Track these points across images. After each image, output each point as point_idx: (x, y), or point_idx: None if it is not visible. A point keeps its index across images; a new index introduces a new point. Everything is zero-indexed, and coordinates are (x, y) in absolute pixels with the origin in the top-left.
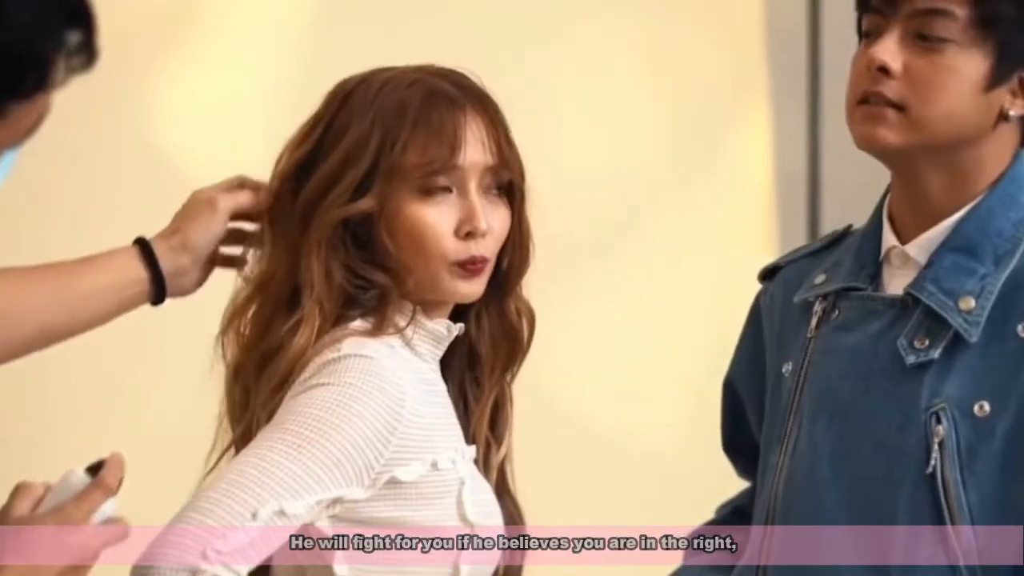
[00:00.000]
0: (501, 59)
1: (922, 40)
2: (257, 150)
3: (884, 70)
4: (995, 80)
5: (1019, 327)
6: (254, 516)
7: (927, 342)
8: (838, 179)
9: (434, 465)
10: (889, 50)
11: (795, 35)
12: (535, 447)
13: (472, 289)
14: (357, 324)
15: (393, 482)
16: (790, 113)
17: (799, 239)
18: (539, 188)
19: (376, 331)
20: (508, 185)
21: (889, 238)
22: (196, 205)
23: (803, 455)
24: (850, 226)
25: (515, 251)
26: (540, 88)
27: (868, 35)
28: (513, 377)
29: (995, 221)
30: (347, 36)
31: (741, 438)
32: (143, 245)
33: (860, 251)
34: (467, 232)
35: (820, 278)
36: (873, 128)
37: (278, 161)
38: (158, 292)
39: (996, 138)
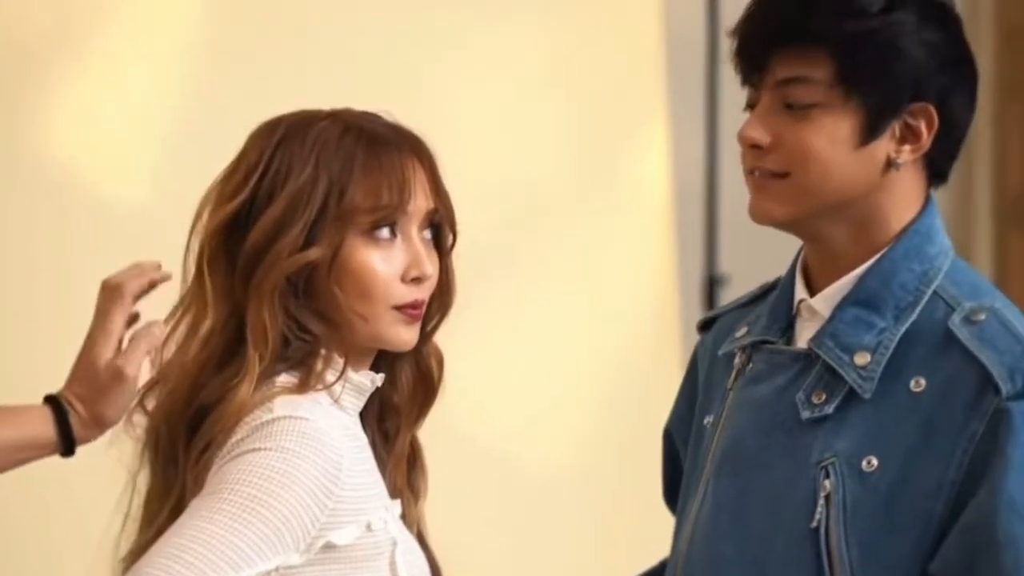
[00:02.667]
0: (399, 66)
1: (789, 109)
2: (149, 157)
3: (757, 146)
4: (868, 135)
5: (911, 382)
6: None
7: (824, 397)
8: (736, 191)
9: (368, 527)
10: (758, 126)
11: (694, 48)
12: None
13: (413, 336)
14: (283, 379)
15: (328, 547)
16: (688, 124)
17: (697, 252)
18: None
19: (303, 387)
20: (437, 228)
21: (799, 291)
22: (103, 378)
23: (709, 509)
24: (780, 278)
25: (439, 296)
26: (435, 99)
27: (748, 105)
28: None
29: (899, 274)
30: (239, 44)
31: (680, 489)
32: (58, 410)
33: (776, 304)
34: (413, 277)
35: (742, 331)
36: (762, 202)
37: (204, 208)
38: (66, 453)
39: (891, 187)
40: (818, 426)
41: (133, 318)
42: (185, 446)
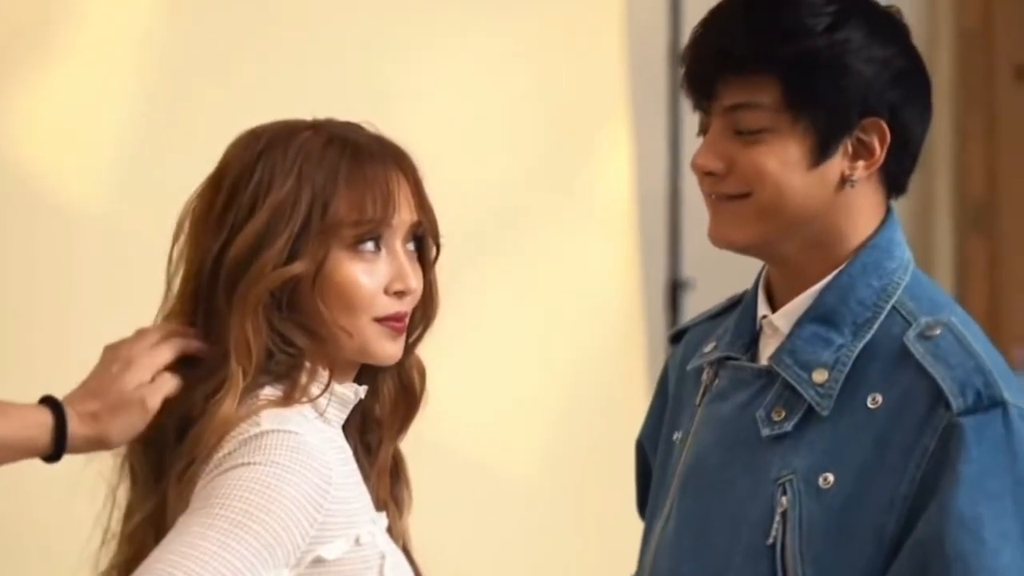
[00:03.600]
0: (364, 73)
1: (739, 134)
2: (116, 159)
3: (712, 173)
4: (821, 155)
5: (868, 399)
6: None
7: (783, 414)
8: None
9: (357, 540)
10: (709, 153)
11: (656, 53)
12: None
13: (398, 349)
14: (268, 392)
15: (317, 561)
16: (651, 130)
17: (660, 257)
18: None
19: (288, 400)
20: (420, 241)
21: (762, 307)
22: (126, 402)
23: (673, 527)
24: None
25: (423, 308)
26: (395, 107)
27: (700, 131)
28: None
29: (857, 289)
30: (210, 47)
31: None
32: (59, 417)
33: (739, 320)
34: (397, 291)
35: (710, 346)
36: (722, 226)
37: (184, 219)
38: (51, 459)
39: (847, 204)
40: (778, 443)
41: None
42: (168, 460)
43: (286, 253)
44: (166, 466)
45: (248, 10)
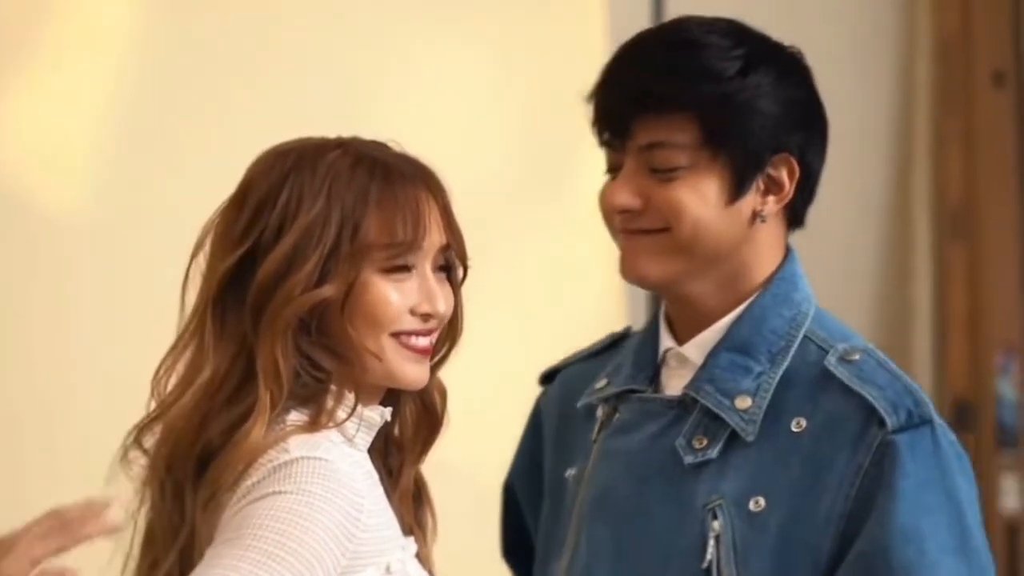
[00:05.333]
0: (349, 72)
1: (654, 172)
2: (92, 163)
3: (628, 211)
4: (736, 193)
5: (792, 423)
6: None
7: (705, 441)
8: None
9: (387, 568)
10: (626, 191)
11: None
12: None
13: (423, 373)
14: (294, 417)
15: None
16: None
17: None
18: None
19: (315, 425)
20: (448, 263)
21: (666, 340)
22: None
23: (582, 559)
24: (629, 328)
25: (448, 330)
26: (379, 116)
27: (610, 169)
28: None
29: (769, 320)
30: (186, 50)
31: (521, 544)
32: None
33: (639, 354)
34: (424, 313)
35: (602, 382)
36: (635, 261)
37: (205, 237)
38: None
39: (756, 239)
40: (701, 470)
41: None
42: (192, 488)
43: (316, 276)
44: (190, 494)
45: (234, 13)
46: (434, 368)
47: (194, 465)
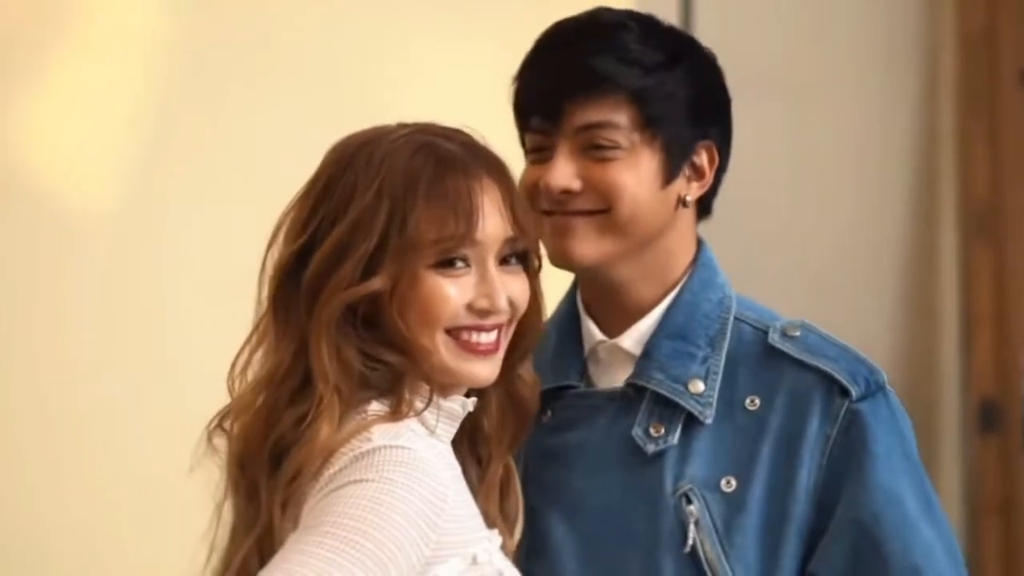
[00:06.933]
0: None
1: (595, 150)
2: (119, 163)
3: (567, 192)
4: (670, 175)
5: (746, 401)
6: None
7: (662, 429)
8: None
9: (474, 559)
10: (564, 172)
11: None
12: None
13: (489, 370)
14: (375, 408)
15: None
16: None
17: None
18: None
19: (395, 415)
20: (523, 253)
21: (595, 334)
22: None
23: (543, 558)
24: None
25: (527, 320)
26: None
27: (534, 151)
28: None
29: (701, 305)
30: (207, 50)
31: None
32: None
33: (562, 350)
34: (482, 308)
35: None
36: (570, 243)
37: (281, 226)
38: None
39: (678, 225)
40: (662, 458)
41: None
42: (267, 484)
43: (360, 269)
44: (265, 488)
45: (254, 12)
46: (513, 362)
47: (267, 461)
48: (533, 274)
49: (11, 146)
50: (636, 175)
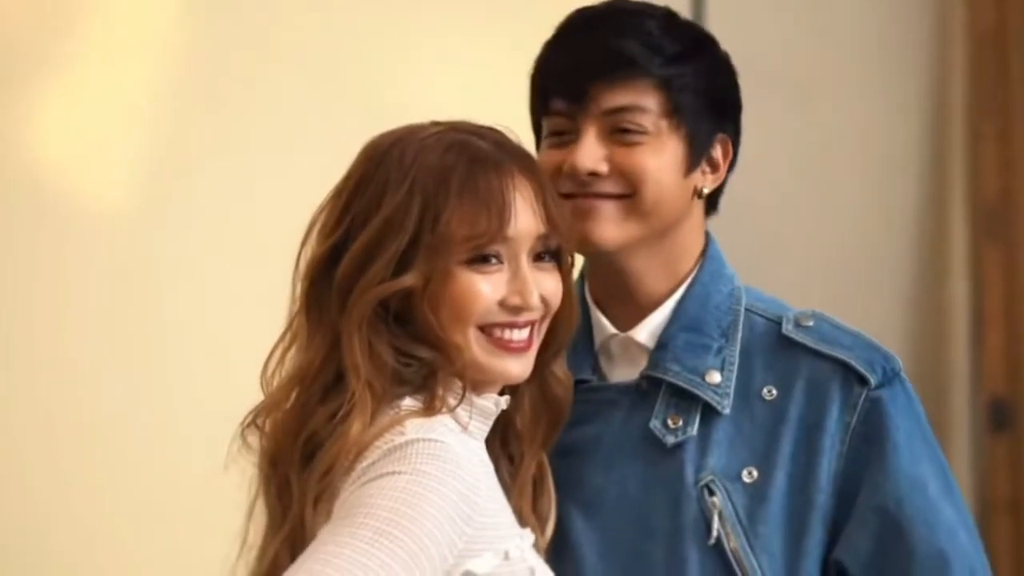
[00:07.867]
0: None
1: (621, 134)
2: (131, 163)
3: (593, 174)
4: (692, 164)
5: (763, 391)
6: None
7: (680, 421)
8: None
9: (506, 555)
10: (592, 154)
11: None
12: None
13: (521, 367)
14: (408, 403)
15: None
16: None
17: None
18: None
19: (429, 410)
20: (557, 251)
21: (607, 327)
22: None
23: (563, 553)
24: None
25: (560, 317)
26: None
27: (554, 135)
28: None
29: (712, 296)
30: (221, 47)
31: None
32: None
33: (572, 346)
34: (514, 305)
35: None
36: (596, 226)
37: (315, 222)
38: None
39: (692, 216)
40: (681, 450)
41: None
42: (299, 480)
43: (392, 267)
44: (296, 485)
45: (266, 14)
46: (546, 359)
47: (299, 458)
48: (567, 272)
49: (20, 146)
50: (661, 161)
